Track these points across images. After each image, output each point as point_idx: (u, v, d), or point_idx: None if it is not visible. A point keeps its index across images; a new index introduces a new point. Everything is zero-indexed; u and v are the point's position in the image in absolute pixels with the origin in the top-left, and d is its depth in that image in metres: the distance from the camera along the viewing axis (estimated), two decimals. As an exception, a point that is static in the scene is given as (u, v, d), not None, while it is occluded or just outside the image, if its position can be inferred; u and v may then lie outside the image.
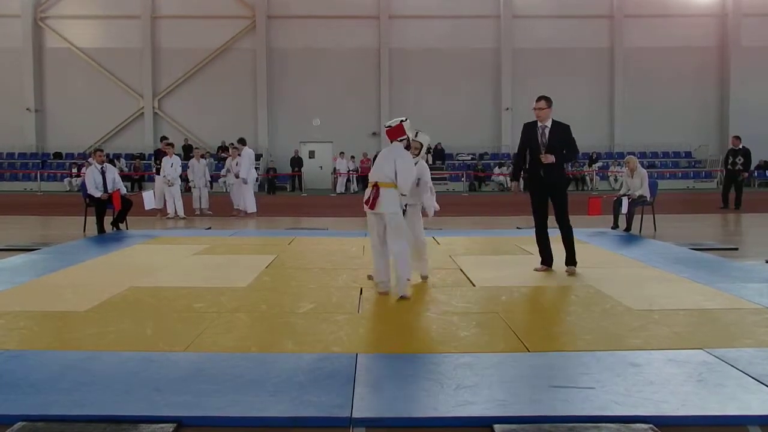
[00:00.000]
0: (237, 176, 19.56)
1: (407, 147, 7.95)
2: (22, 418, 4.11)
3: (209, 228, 15.77)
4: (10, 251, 11.40)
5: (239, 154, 19.77)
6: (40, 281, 8.61)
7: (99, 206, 14.27)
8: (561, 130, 9.11)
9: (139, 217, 16.75)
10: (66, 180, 35.74)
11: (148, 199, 16.44)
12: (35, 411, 4.22)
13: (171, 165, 19.13)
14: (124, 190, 15.10)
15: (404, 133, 7.86)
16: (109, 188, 14.36)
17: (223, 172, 19.78)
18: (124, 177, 17.57)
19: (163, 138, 20.33)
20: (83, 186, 14.95)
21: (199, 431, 4.12)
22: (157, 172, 19.29)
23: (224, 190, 20.67)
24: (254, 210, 19.28)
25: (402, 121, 7.93)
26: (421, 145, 8.55)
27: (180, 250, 11.55)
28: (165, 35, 38.14)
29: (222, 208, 20.03)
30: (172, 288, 8.14)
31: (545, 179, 9.09)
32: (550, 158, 8.87)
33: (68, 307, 7.06)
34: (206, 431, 4.13)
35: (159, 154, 19.52)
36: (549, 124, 9.15)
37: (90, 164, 15.57)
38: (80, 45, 37.95)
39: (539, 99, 9.21)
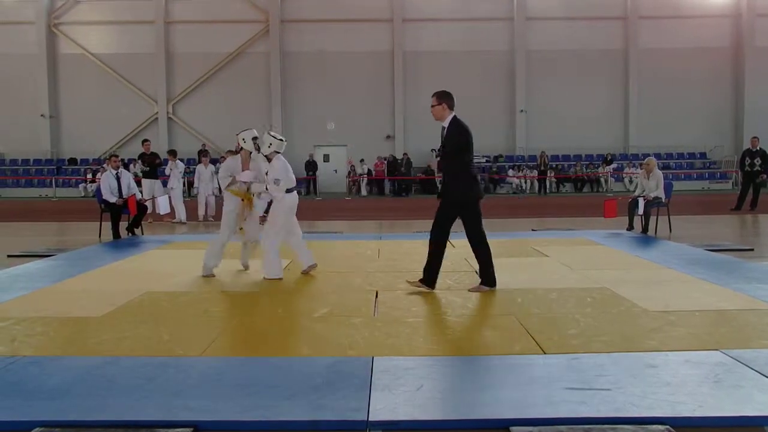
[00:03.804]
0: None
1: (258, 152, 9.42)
2: (39, 424, 4.13)
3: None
4: (26, 257, 11.46)
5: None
6: (56, 287, 8.65)
7: (114, 212, 14.31)
8: (454, 132, 7.95)
9: (145, 221, 16.82)
10: (81, 186, 35.90)
11: (163, 203, 16.49)
12: (52, 416, 4.24)
13: (173, 171, 19.33)
14: (139, 196, 15.16)
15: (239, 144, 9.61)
16: (124, 194, 14.38)
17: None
18: (139, 182, 17.63)
19: (144, 141, 20.26)
20: (98, 192, 15.00)
21: (216, 435, 4.12)
22: (146, 175, 19.20)
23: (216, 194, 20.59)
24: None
25: (237, 133, 9.68)
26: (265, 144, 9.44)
27: (195, 255, 11.54)
28: (179, 40, 38.24)
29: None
30: (188, 293, 8.17)
31: (442, 189, 8.22)
32: (438, 165, 8.13)
33: (84, 312, 7.09)
34: (223, 435, 4.14)
35: (144, 157, 19.38)
36: (447, 123, 8.01)
37: (105, 170, 15.63)
38: (94, 51, 38.10)
39: (432, 96, 8.15)
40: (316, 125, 37.73)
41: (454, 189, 7.96)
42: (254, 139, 9.41)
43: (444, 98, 8.04)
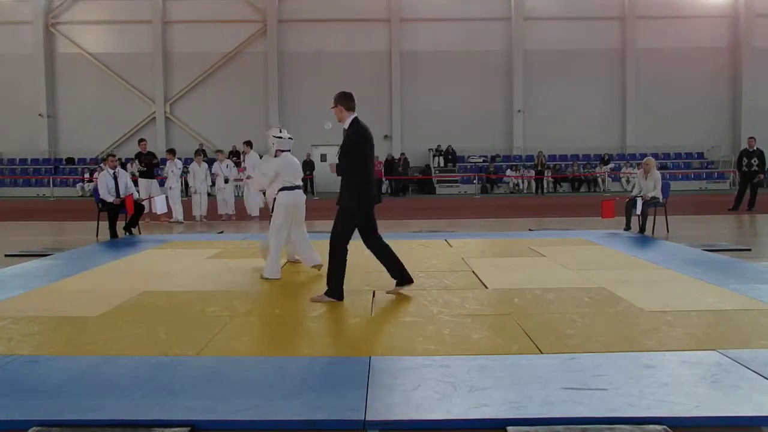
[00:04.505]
0: (226, 181, 19.59)
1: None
2: (36, 423, 4.13)
3: (221, 232, 15.81)
4: (23, 257, 11.46)
5: (227, 157, 20.10)
6: (53, 287, 8.65)
7: (111, 211, 14.30)
8: (350, 134, 7.86)
9: (142, 221, 16.80)
10: (78, 185, 35.88)
11: (160, 203, 16.51)
12: (49, 416, 4.24)
13: (172, 171, 19.31)
14: (136, 195, 15.15)
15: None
16: (121, 193, 14.39)
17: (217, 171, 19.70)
18: (136, 182, 17.62)
19: (141, 140, 20.17)
20: (96, 191, 15.00)
21: (213, 435, 4.12)
22: (143, 175, 19.12)
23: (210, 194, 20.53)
24: (256, 214, 19.23)
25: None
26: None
27: (193, 254, 11.57)
28: (176, 40, 38.24)
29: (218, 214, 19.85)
30: (185, 292, 8.16)
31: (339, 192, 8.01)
32: (332, 167, 7.92)
33: (82, 312, 7.09)
34: (220, 435, 4.14)
35: (140, 157, 19.28)
36: (347, 125, 7.92)
37: (102, 169, 15.62)
38: (92, 50, 38.09)
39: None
40: (314, 125, 37.61)
41: (345, 193, 7.78)
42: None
43: (339, 100, 7.90)
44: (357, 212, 7.71)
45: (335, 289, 7.62)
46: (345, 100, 7.88)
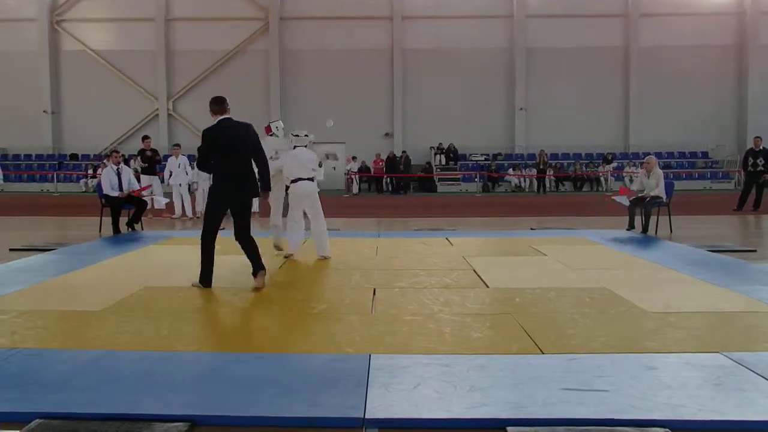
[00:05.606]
0: None
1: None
2: (38, 416, 4.14)
3: (223, 228, 15.75)
4: (27, 251, 11.46)
5: None
6: (56, 281, 8.66)
7: (114, 207, 14.31)
8: None
9: (144, 217, 16.79)
10: (82, 181, 35.96)
11: (162, 199, 16.53)
12: (52, 409, 4.24)
13: (178, 166, 19.27)
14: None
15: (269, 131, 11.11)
16: (124, 189, 14.39)
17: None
18: (139, 178, 17.62)
19: (145, 137, 20.09)
20: (99, 187, 15.02)
21: (213, 431, 4.11)
22: (144, 171, 19.07)
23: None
24: (256, 210, 19.23)
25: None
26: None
27: (194, 250, 11.50)
28: (179, 37, 38.32)
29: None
30: (186, 288, 8.17)
31: None
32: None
33: (84, 306, 7.09)
34: (219, 431, 4.12)
35: (143, 154, 19.21)
36: None
37: (106, 165, 15.63)
38: (96, 48, 38.18)
39: None
40: (315, 122, 37.60)
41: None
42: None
43: (209, 105, 8.54)
44: (212, 199, 8.49)
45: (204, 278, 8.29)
46: (212, 104, 8.51)
